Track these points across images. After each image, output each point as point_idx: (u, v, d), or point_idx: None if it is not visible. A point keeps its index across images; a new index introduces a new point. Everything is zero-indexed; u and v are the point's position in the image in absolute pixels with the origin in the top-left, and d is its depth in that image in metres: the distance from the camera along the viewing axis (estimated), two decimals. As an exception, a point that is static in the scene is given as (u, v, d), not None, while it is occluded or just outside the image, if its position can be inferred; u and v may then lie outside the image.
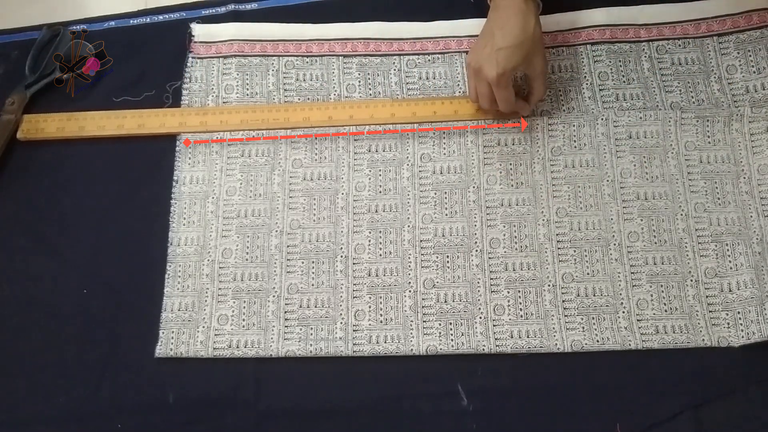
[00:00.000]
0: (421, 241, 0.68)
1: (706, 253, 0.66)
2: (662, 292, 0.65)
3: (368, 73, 0.76)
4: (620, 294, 0.66)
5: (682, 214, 0.68)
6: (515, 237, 0.68)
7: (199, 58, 0.77)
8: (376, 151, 0.72)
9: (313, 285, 0.68)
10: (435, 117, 0.72)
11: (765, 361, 0.63)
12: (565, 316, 0.65)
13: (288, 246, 0.69)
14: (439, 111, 0.72)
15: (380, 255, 0.68)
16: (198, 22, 0.79)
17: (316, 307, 0.67)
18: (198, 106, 0.75)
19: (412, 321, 0.66)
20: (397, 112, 0.73)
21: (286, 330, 0.66)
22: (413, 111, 0.72)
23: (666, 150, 0.70)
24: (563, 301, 0.66)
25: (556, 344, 0.64)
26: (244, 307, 0.67)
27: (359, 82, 0.75)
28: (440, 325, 0.65)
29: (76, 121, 0.74)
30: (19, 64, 0.78)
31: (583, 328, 0.65)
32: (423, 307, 0.66)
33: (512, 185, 0.70)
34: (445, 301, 0.66)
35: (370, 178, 0.71)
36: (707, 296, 0.65)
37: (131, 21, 0.81)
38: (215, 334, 0.66)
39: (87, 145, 0.74)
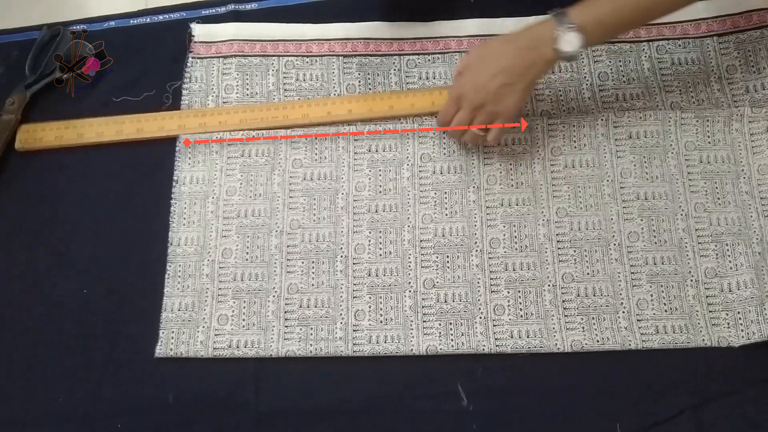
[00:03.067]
0: (421, 241, 0.68)
1: (706, 253, 0.66)
2: (662, 292, 0.65)
3: (368, 73, 0.76)
4: (620, 294, 0.66)
5: (682, 214, 0.68)
6: (515, 237, 0.68)
7: (199, 58, 0.77)
8: (376, 151, 0.72)
9: (313, 285, 0.68)
10: (433, 108, 0.72)
11: (765, 361, 0.63)
12: (565, 316, 0.65)
13: (288, 246, 0.69)
14: (437, 101, 0.72)
15: (380, 255, 0.68)
16: (198, 22, 0.79)
17: (316, 307, 0.67)
18: (198, 107, 0.75)
19: (412, 321, 0.66)
20: (395, 104, 0.73)
21: (286, 330, 0.66)
22: (411, 102, 0.72)
23: (666, 150, 0.70)
24: (563, 301, 0.66)
25: (556, 344, 0.64)
26: (244, 307, 0.67)
27: (359, 81, 0.75)
28: (440, 325, 0.65)
29: (74, 129, 0.74)
30: (19, 64, 0.78)
31: (583, 328, 0.65)
32: (423, 307, 0.66)
33: (512, 185, 0.70)
34: (445, 301, 0.66)
35: (370, 178, 0.71)
36: (707, 296, 0.65)
37: (131, 21, 0.81)
38: (215, 334, 0.66)
39: (87, 145, 0.74)
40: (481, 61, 0.65)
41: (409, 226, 0.69)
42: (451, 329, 0.65)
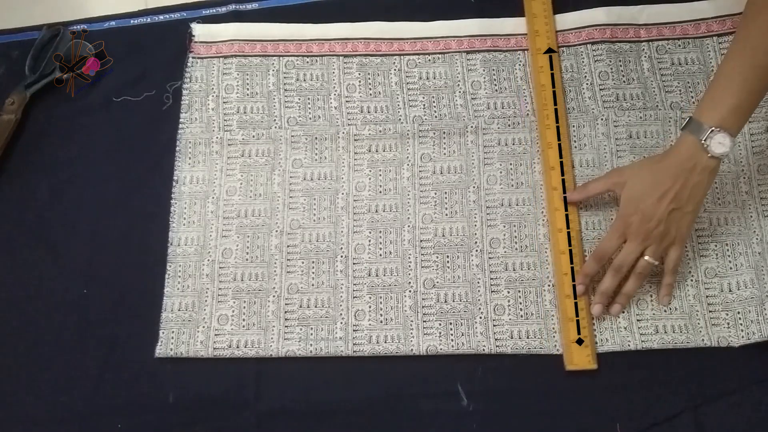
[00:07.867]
0: (421, 241, 0.68)
1: (706, 253, 0.66)
2: (662, 292, 0.65)
3: (368, 73, 0.76)
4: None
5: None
6: (515, 237, 0.68)
7: (199, 58, 0.77)
8: (376, 151, 0.72)
9: (313, 285, 0.68)
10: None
11: (765, 361, 0.63)
12: (565, 316, 0.65)
13: (288, 246, 0.69)
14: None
15: (380, 255, 0.68)
16: (198, 22, 0.79)
17: (316, 307, 0.67)
18: (198, 107, 0.75)
19: (412, 321, 0.66)
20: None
21: (286, 330, 0.66)
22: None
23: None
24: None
25: (556, 345, 0.64)
26: (244, 307, 0.67)
27: (359, 81, 0.75)
28: (440, 325, 0.65)
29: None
30: (19, 64, 0.78)
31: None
32: (423, 307, 0.66)
33: (512, 185, 0.70)
34: (445, 301, 0.66)
35: (370, 178, 0.71)
36: (707, 296, 0.65)
37: (131, 21, 0.81)
38: (215, 334, 0.66)
39: (87, 145, 0.75)
40: (639, 188, 0.62)
41: (409, 226, 0.69)
42: (451, 329, 0.65)
